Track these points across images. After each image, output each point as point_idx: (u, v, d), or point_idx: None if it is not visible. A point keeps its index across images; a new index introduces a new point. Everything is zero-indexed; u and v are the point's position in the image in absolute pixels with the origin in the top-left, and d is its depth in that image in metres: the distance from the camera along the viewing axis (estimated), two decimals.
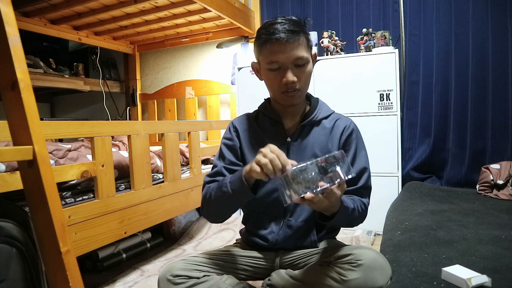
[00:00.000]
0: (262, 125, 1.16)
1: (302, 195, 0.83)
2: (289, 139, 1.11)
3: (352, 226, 1.07)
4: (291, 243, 1.09)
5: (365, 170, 1.10)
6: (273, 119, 1.14)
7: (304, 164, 0.84)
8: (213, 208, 1.07)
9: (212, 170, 1.13)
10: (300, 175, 0.83)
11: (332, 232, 1.17)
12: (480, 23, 2.22)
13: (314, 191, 0.83)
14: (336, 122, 1.13)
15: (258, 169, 0.87)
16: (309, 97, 1.19)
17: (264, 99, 1.20)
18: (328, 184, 0.83)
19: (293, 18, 1.05)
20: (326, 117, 1.14)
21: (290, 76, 1.02)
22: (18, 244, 0.80)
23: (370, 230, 2.14)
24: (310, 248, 1.09)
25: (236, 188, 0.96)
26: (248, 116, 1.20)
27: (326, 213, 0.95)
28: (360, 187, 1.08)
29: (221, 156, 1.15)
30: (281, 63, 1.02)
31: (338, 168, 0.83)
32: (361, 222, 1.07)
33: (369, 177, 1.10)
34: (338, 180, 0.83)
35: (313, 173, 0.83)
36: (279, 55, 1.01)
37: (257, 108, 1.21)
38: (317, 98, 1.19)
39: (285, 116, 1.14)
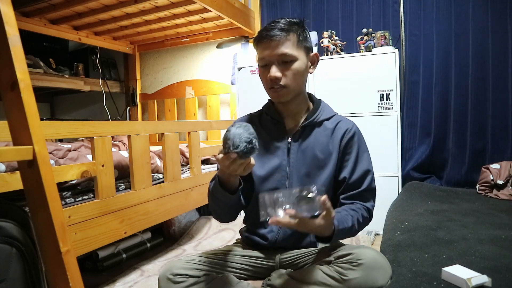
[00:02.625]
0: (264, 125, 1.17)
1: (269, 217, 0.86)
2: (289, 139, 1.11)
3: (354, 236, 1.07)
4: (290, 242, 1.09)
5: (368, 172, 1.10)
6: (275, 119, 1.14)
7: (278, 190, 0.89)
8: (214, 212, 1.12)
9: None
10: (271, 198, 0.87)
11: None
12: (480, 23, 2.22)
13: (281, 215, 0.85)
14: (338, 124, 1.13)
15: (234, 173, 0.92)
16: (312, 99, 1.19)
17: (268, 99, 1.21)
18: (298, 212, 0.84)
19: (290, 19, 1.06)
20: (328, 119, 1.14)
21: (273, 72, 1.03)
22: (18, 244, 0.80)
23: (370, 230, 2.14)
24: (310, 248, 1.09)
25: (216, 192, 1.01)
26: (250, 115, 1.22)
27: (315, 234, 0.98)
28: (364, 190, 1.08)
29: None
30: (267, 60, 1.05)
31: (305, 204, 0.85)
32: (366, 226, 1.09)
33: (372, 179, 1.11)
34: (306, 214, 0.85)
35: (283, 199, 0.87)
36: (265, 52, 1.04)
37: (260, 108, 1.22)
38: (320, 99, 1.20)
39: (287, 116, 1.14)
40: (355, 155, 1.10)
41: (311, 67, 1.12)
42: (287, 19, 1.05)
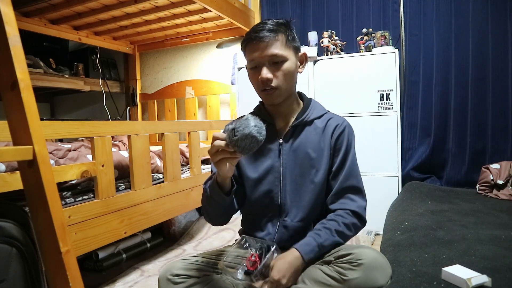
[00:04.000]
0: None
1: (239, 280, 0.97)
2: (281, 140, 1.11)
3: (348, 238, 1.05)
4: (288, 243, 1.08)
5: (353, 169, 1.08)
6: (265, 121, 1.14)
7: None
8: (206, 212, 1.11)
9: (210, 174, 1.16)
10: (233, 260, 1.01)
11: None
12: (480, 23, 2.22)
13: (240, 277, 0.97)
14: (329, 121, 1.12)
15: (219, 167, 0.92)
16: (302, 97, 1.19)
17: (259, 101, 1.20)
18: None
19: (277, 20, 1.06)
20: (319, 117, 1.13)
21: (264, 73, 1.02)
22: (18, 244, 0.80)
23: (370, 230, 2.14)
24: None
25: (212, 190, 1.01)
26: None
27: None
28: (347, 187, 1.06)
29: None
30: (257, 61, 1.04)
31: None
32: (362, 227, 1.07)
33: (353, 175, 1.08)
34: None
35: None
36: (254, 53, 1.03)
37: (252, 110, 1.22)
38: (310, 98, 1.19)
39: (277, 117, 1.14)
40: (344, 150, 1.09)
41: (300, 66, 1.12)
42: (274, 20, 1.05)
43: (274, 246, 0.99)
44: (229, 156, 0.89)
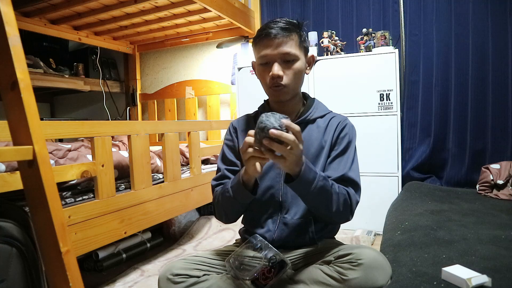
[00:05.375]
0: None
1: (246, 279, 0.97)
2: None
3: (338, 209, 0.98)
4: (288, 240, 1.08)
5: (351, 163, 1.07)
6: None
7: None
8: (223, 212, 1.11)
9: (216, 173, 1.17)
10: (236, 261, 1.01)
11: (331, 230, 1.17)
12: (480, 23, 2.22)
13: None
14: (331, 120, 1.14)
15: (248, 165, 0.92)
16: (306, 98, 1.20)
17: (264, 100, 1.21)
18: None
19: (290, 19, 1.07)
20: (321, 116, 1.15)
21: (276, 70, 1.03)
22: (18, 244, 0.80)
23: (370, 230, 2.14)
24: (309, 246, 1.09)
25: (236, 191, 1.01)
26: (247, 116, 1.23)
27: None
28: (344, 178, 1.04)
29: (223, 158, 1.18)
30: (269, 58, 1.05)
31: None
32: (345, 217, 1.03)
33: (353, 169, 1.07)
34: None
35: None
36: (267, 50, 1.04)
37: (257, 109, 1.22)
38: (314, 98, 1.20)
39: None
40: (344, 144, 1.09)
41: (308, 68, 1.14)
42: (287, 19, 1.06)
43: (289, 265, 0.98)
44: (257, 155, 0.88)
